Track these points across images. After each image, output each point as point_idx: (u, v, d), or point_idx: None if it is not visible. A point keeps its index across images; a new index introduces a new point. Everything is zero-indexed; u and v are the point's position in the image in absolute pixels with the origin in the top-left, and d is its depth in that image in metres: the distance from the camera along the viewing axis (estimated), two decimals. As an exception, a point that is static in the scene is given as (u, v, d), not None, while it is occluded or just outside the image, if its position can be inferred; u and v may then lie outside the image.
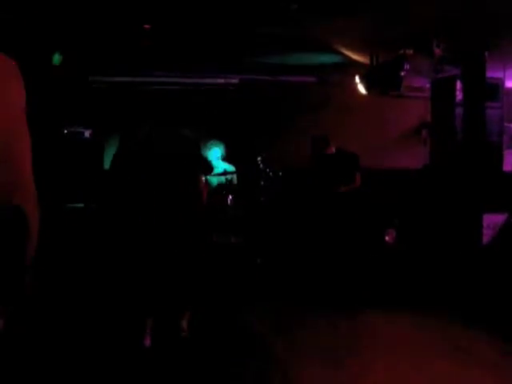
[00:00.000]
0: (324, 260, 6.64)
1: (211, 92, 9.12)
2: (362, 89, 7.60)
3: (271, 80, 9.18)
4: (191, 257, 4.74)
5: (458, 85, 6.90)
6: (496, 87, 6.92)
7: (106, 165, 7.55)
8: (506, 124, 7.40)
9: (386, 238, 6.90)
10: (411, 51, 6.60)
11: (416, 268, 6.61)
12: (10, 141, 1.55)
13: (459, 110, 6.86)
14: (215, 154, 7.43)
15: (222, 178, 7.39)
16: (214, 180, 7.46)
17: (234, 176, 7.54)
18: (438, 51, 6.28)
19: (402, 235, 7.04)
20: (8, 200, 1.53)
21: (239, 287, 6.23)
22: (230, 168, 7.50)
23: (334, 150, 7.21)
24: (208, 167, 5.24)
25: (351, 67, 7.76)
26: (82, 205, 7.41)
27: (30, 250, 1.60)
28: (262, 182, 7.34)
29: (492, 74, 6.84)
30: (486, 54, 6.36)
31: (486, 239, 6.45)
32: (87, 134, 7.81)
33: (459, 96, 6.88)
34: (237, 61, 8.21)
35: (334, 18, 5.80)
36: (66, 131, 7.67)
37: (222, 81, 9.19)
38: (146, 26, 6.18)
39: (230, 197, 7.09)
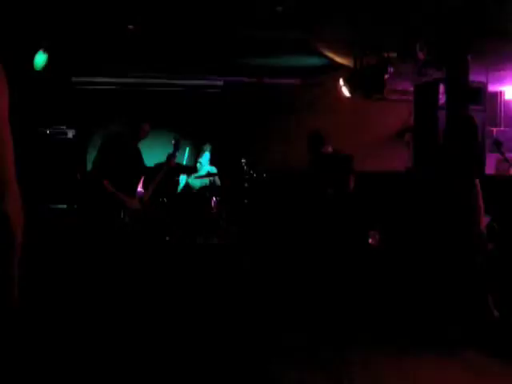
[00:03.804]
0: (307, 261, 6.64)
1: (195, 94, 9.11)
2: (345, 92, 7.62)
3: (256, 82, 9.19)
4: None
5: (441, 88, 6.93)
6: (479, 91, 6.96)
7: (89, 165, 7.52)
8: (488, 128, 7.46)
9: (370, 240, 6.92)
10: (395, 55, 6.63)
11: (399, 269, 6.62)
12: (3, 160, 1.52)
13: (442, 114, 6.89)
14: (206, 157, 7.45)
15: (206, 180, 7.38)
16: (197, 182, 7.46)
17: (217, 178, 7.54)
18: (421, 55, 6.31)
19: (385, 238, 7.05)
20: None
21: (225, 287, 6.23)
22: (213, 170, 7.50)
23: (331, 149, 7.12)
24: None
25: (335, 70, 7.78)
26: (64, 206, 7.36)
27: (15, 252, 1.58)
28: (246, 184, 7.33)
29: (475, 77, 6.88)
30: (469, 57, 6.40)
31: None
32: (70, 134, 7.75)
33: (442, 99, 6.91)
34: (221, 63, 8.21)
35: (319, 20, 5.81)
36: (48, 131, 7.61)
37: (206, 83, 9.19)
38: (130, 27, 6.16)
39: (214, 199, 7.09)
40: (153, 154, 6.20)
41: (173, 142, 5.91)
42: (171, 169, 5.91)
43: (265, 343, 4.78)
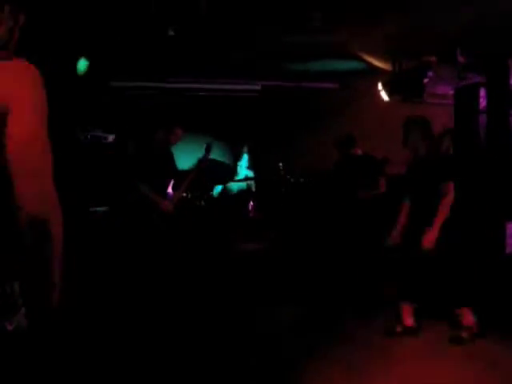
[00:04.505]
0: (345, 265, 6.62)
1: (233, 98, 9.16)
2: (384, 95, 7.58)
3: (294, 86, 9.20)
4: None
5: (482, 92, 6.85)
6: (520, 95, 6.86)
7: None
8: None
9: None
10: (434, 58, 6.57)
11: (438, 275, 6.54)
12: (34, 153, 1.58)
13: (483, 118, 6.81)
14: (245, 161, 7.51)
15: (243, 184, 7.42)
16: (235, 186, 7.50)
17: (253, 182, 7.58)
18: (461, 59, 6.25)
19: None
20: (34, 211, 1.56)
21: (257, 291, 6.25)
22: (251, 174, 7.54)
23: (359, 151, 7.12)
24: None
25: (374, 74, 7.74)
26: (105, 208, 7.45)
27: (57, 260, 1.62)
28: (283, 189, 7.34)
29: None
30: (510, 61, 6.31)
31: (509, 248, 6.38)
32: (110, 138, 7.88)
33: (483, 103, 6.83)
34: (259, 67, 8.24)
35: (357, 25, 5.80)
36: (89, 136, 7.74)
37: (244, 87, 9.23)
38: (171, 32, 6.23)
39: (251, 203, 7.12)
40: (192, 157, 6.24)
41: (204, 145, 5.99)
42: (202, 171, 5.97)
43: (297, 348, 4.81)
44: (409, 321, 5.13)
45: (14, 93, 1.58)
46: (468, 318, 4.94)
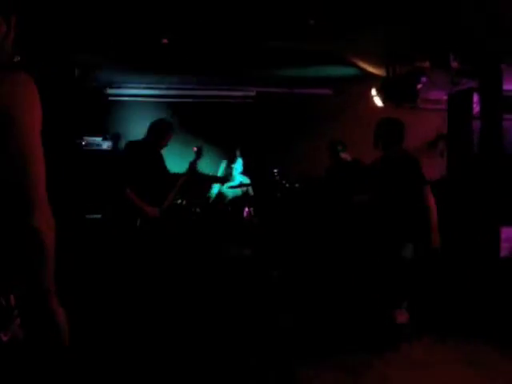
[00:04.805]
0: (339, 272, 6.62)
1: (228, 104, 9.17)
2: (378, 101, 7.59)
3: (288, 92, 9.22)
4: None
5: (475, 97, 6.88)
6: (513, 100, 6.90)
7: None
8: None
9: (403, 252, 6.84)
10: (428, 64, 6.60)
11: (433, 280, 6.56)
12: (27, 165, 1.59)
13: (476, 123, 6.84)
14: (239, 166, 7.49)
15: (238, 191, 7.41)
16: (230, 192, 7.49)
17: (250, 188, 7.56)
18: (454, 64, 6.27)
19: (418, 248, 6.97)
20: (24, 220, 1.57)
21: (253, 298, 6.24)
22: (246, 180, 7.53)
23: (349, 157, 7.14)
24: None
25: (367, 80, 7.76)
26: (99, 216, 7.45)
27: (49, 267, 1.63)
28: (279, 194, 7.34)
29: (509, 86, 6.81)
30: (503, 66, 6.34)
31: (503, 252, 6.40)
32: (105, 145, 7.89)
33: (476, 108, 6.86)
34: (254, 73, 8.26)
35: (351, 32, 5.82)
36: (84, 143, 7.75)
37: (239, 93, 9.25)
38: (164, 41, 6.24)
39: (246, 209, 7.11)
40: (186, 163, 6.23)
41: (194, 149, 5.96)
42: (193, 176, 5.96)
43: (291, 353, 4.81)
44: (405, 326, 5.15)
45: (7, 104, 1.58)
46: (402, 317, 5.14)
